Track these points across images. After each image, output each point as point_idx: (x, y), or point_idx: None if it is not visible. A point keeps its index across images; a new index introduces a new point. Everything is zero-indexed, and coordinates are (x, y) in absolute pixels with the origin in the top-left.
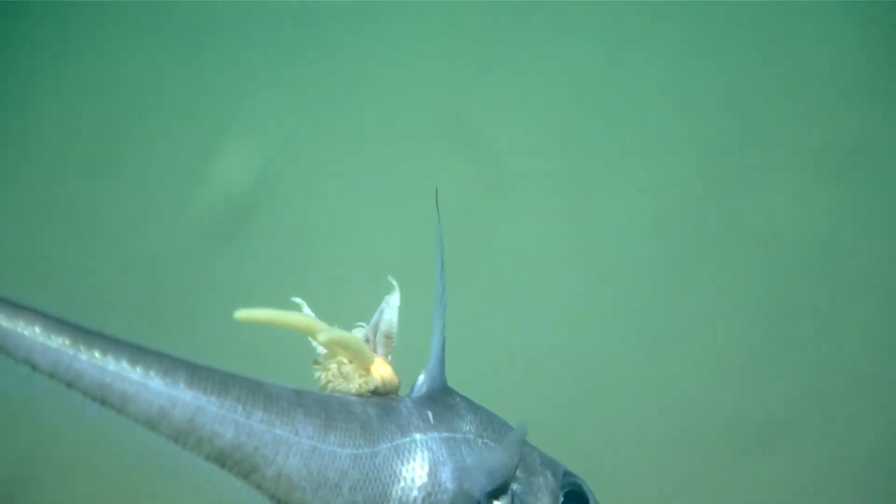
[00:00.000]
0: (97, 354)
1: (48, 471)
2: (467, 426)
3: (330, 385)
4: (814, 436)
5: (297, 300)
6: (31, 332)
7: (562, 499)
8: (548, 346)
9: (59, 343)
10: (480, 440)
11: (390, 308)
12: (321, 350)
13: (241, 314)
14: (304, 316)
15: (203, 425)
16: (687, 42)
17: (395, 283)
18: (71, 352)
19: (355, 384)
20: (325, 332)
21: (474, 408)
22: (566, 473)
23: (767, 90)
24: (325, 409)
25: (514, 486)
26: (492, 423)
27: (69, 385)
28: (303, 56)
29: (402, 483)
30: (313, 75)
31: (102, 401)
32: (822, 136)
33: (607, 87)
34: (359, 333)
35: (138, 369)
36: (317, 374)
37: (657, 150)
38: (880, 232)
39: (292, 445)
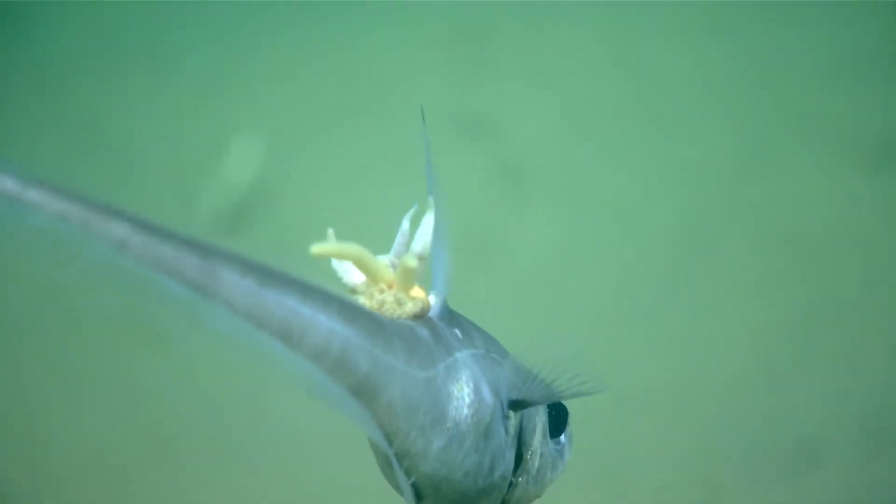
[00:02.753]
0: (275, 291)
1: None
2: (479, 342)
3: (380, 311)
4: (854, 457)
5: (330, 231)
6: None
7: (546, 407)
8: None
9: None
10: (490, 355)
11: (425, 229)
12: (352, 278)
13: (317, 248)
14: (359, 247)
15: (348, 357)
16: (715, 29)
17: (432, 201)
18: (259, 290)
19: (408, 308)
20: (411, 259)
21: (475, 325)
22: None
23: (800, 82)
24: (404, 334)
25: None
26: (492, 340)
27: (259, 325)
28: (305, 50)
29: (456, 402)
30: (317, 70)
31: (285, 337)
32: (859, 130)
33: (628, 76)
34: (406, 260)
35: (308, 304)
36: (360, 302)
37: (682, 143)
38: None
39: (397, 372)
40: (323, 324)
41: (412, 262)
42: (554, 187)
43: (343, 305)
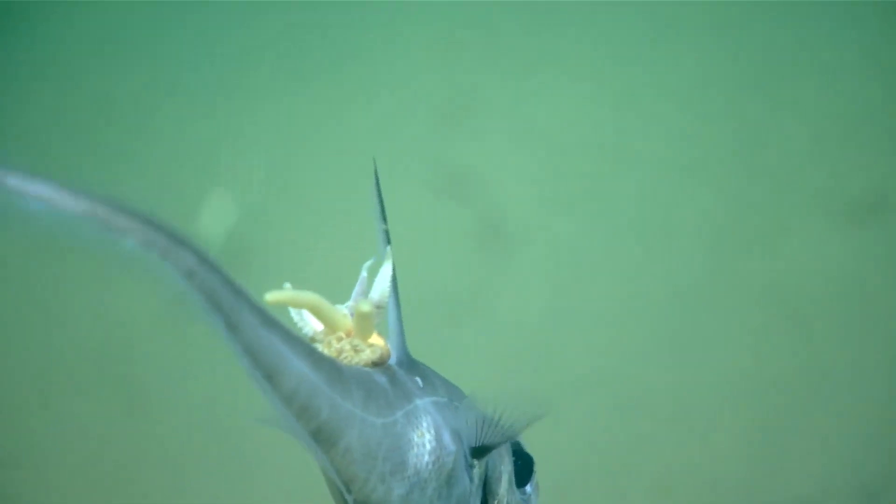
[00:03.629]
0: (268, 331)
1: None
2: (441, 390)
3: (338, 358)
4: None
5: (287, 285)
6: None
7: (512, 456)
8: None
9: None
10: (453, 404)
11: (383, 277)
12: (312, 327)
13: (272, 296)
14: (315, 296)
15: (312, 402)
16: (701, 97)
17: (389, 252)
18: (261, 329)
19: (365, 355)
20: (366, 304)
21: (437, 374)
22: None
23: (787, 141)
24: (362, 380)
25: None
26: (455, 389)
27: (247, 352)
28: (284, 103)
29: (416, 448)
30: (296, 124)
31: (267, 375)
32: (847, 189)
33: (616, 141)
34: (361, 306)
35: (288, 347)
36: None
37: (671, 209)
38: None
39: (354, 418)
40: (296, 368)
41: (365, 307)
42: (536, 247)
43: (310, 350)
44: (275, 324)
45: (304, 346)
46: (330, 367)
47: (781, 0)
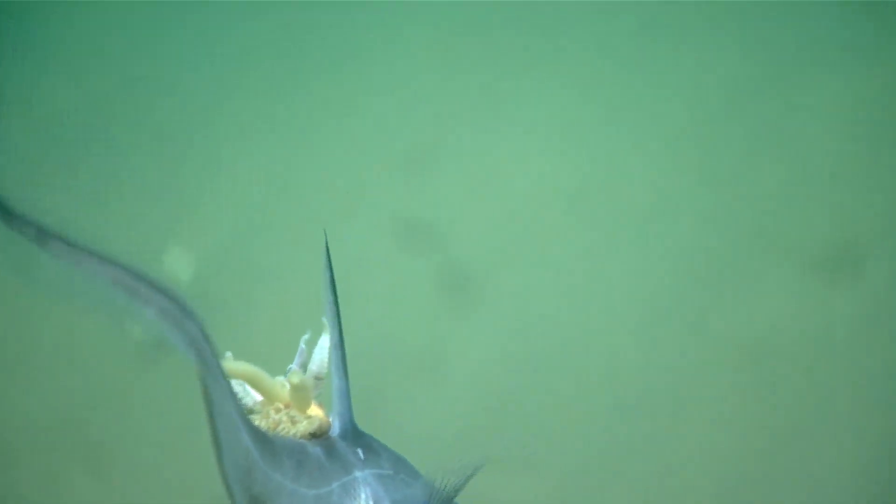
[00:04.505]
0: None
1: None
2: (386, 463)
3: (274, 430)
4: None
5: (228, 354)
6: None
7: None
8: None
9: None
10: (399, 476)
11: (321, 349)
12: (253, 397)
13: None
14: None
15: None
16: (669, 146)
17: (327, 323)
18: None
19: (302, 427)
20: (296, 376)
21: (384, 447)
22: None
23: (755, 192)
24: (294, 451)
25: None
26: (402, 462)
27: (214, 421)
28: (238, 153)
29: None
30: (249, 173)
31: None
32: (817, 235)
33: (573, 185)
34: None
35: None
36: (256, 422)
37: (637, 264)
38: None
39: (283, 489)
40: (243, 440)
41: (294, 379)
42: (499, 300)
43: (249, 422)
44: (234, 395)
45: (247, 418)
46: (263, 439)
47: (743, 44)
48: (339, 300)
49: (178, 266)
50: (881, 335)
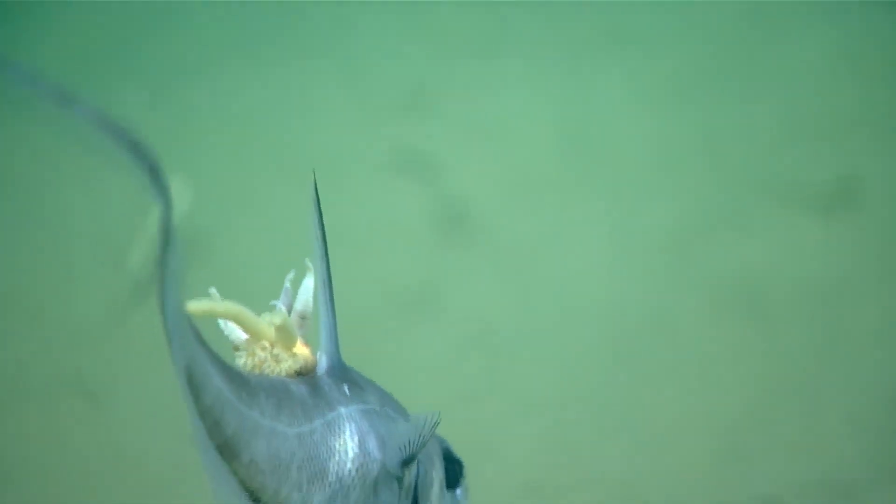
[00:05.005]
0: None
1: None
2: (372, 398)
3: (260, 368)
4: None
5: (213, 290)
6: None
7: (442, 461)
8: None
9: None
10: (384, 411)
11: (306, 289)
12: (238, 336)
13: (194, 307)
14: (237, 306)
15: (224, 416)
16: (671, 93)
17: (310, 265)
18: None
19: (286, 365)
20: (278, 317)
21: (371, 382)
22: (440, 440)
23: (754, 132)
24: (274, 389)
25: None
26: (388, 397)
27: (186, 369)
28: (238, 87)
29: (337, 456)
30: (249, 106)
31: (194, 392)
32: (813, 175)
33: (580, 135)
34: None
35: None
36: (242, 360)
37: (634, 205)
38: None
39: (260, 428)
40: (215, 383)
41: (277, 319)
42: (497, 238)
43: (222, 363)
44: (203, 339)
45: (219, 360)
46: (238, 379)
47: None
48: (328, 238)
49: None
50: (878, 277)
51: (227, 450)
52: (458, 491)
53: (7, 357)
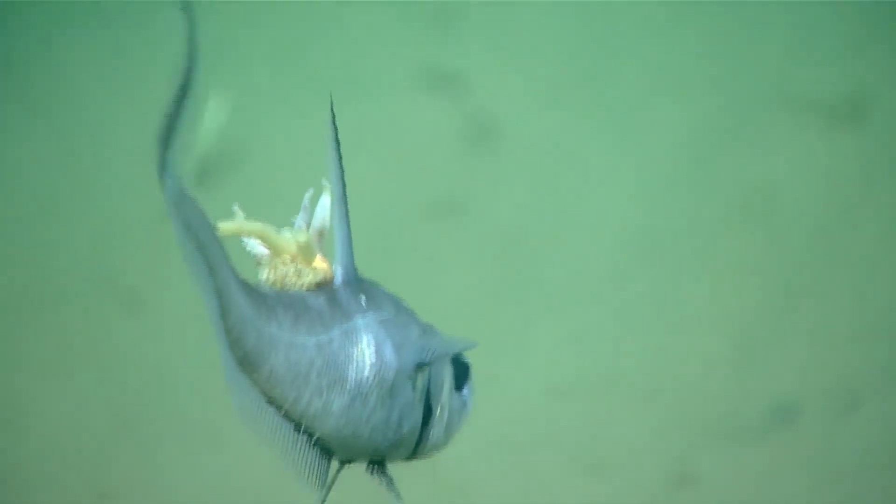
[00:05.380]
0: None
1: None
2: (388, 307)
3: (282, 282)
4: (824, 419)
5: (236, 207)
6: None
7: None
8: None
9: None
10: (400, 318)
11: (323, 207)
12: (259, 251)
13: (222, 226)
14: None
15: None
16: (687, 4)
17: (326, 184)
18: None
19: (307, 279)
20: (302, 235)
21: (385, 291)
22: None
23: (759, 45)
24: (291, 302)
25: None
26: (402, 304)
27: (214, 290)
28: (273, 2)
29: (356, 363)
30: (283, 22)
31: (221, 312)
32: (824, 92)
33: (602, 47)
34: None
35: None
36: (265, 275)
37: (653, 117)
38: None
39: (279, 341)
40: (238, 302)
41: (301, 238)
42: (524, 150)
43: (241, 281)
44: (230, 261)
45: (239, 278)
46: (255, 295)
47: None
48: (343, 154)
49: (210, 116)
50: (886, 187)
51: (247, 363)
52: (465, 391)
53: (49, 263)
